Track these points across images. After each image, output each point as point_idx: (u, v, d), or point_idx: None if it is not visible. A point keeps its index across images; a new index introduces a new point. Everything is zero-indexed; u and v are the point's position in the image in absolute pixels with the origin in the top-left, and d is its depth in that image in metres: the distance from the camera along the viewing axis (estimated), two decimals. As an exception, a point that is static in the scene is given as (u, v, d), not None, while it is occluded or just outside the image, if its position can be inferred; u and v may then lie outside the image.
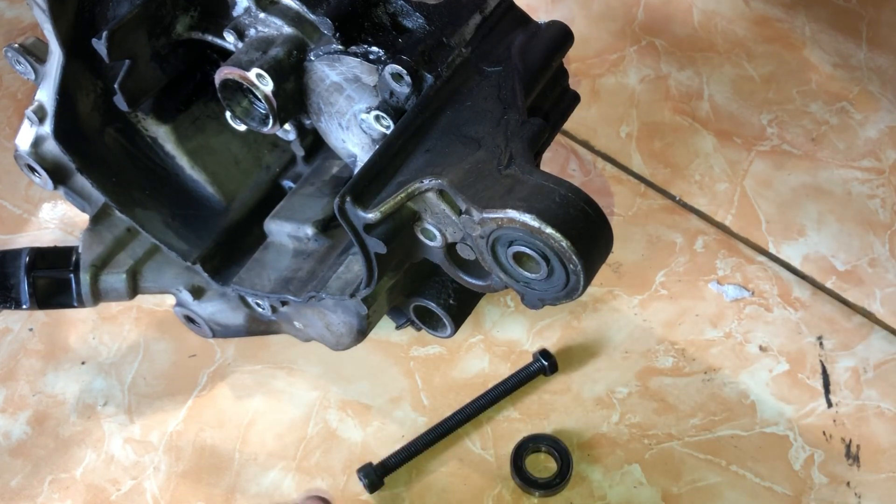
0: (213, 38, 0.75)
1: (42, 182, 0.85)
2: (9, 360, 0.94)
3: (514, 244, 0.62)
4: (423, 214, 0.66)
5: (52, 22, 0.72)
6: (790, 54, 1.16)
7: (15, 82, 1.15)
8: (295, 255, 0.85)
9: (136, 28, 0.72)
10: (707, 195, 1.04)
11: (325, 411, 0.90)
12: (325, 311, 0.80)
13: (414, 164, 0.65)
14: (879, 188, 1.04)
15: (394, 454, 0.86)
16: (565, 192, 0.61)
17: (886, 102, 1.12)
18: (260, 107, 0.73)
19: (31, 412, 0.91)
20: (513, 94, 0.69)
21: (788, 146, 1.08)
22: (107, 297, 0.86)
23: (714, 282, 0.97)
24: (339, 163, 0.87)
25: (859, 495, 0.85)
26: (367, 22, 0.72)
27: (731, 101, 1.12)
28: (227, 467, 0.87)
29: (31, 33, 0.82)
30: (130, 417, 0.90)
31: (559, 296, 0.64)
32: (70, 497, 0.86)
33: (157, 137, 0.86)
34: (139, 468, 0.87)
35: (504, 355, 0.93)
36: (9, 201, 1.06)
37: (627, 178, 1.06)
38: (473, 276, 0.70)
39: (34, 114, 0.80)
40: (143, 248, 0.86)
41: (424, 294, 0.80)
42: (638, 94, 1.13)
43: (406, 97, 0.69)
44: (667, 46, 1.17)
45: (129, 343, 0.95)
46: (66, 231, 1.03)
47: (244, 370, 0.93)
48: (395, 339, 0.94)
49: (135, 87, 0.77)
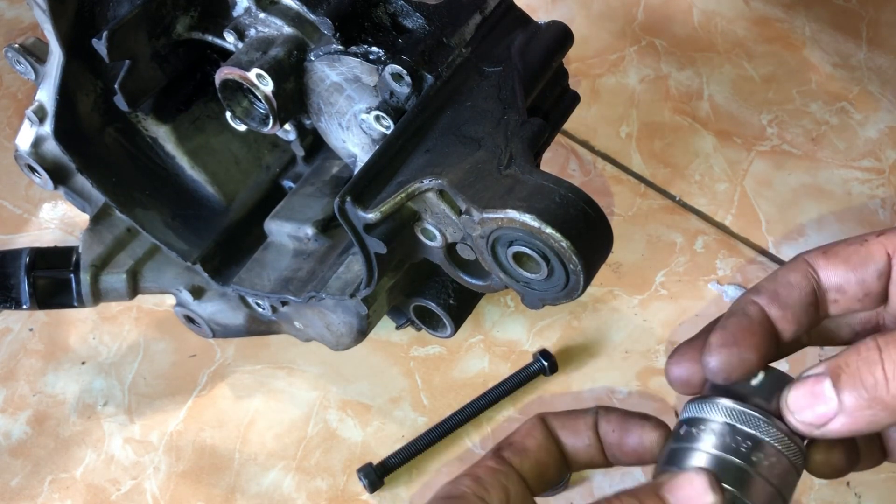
0: (213, 39, 0.75)
1: (42, 182, 0.85)
2: (9, 360, 0.94)
3: (514, 244, 0.62)
4: (423, 214, 0.66)
5: (52, 22, 0.72)
6: (790, 54, 1.16)
7: (15, 82, 1.15)
8: (295, 255, 0.85)
9: (136, 28, 0.72)
10: (707, 195, 1.04)
11: (325, 411, 0.90)
12: (325, 311, 0.80)
13: (414, 164, 0.65)
14: (879, 188, 1.04)
15: (394, 454, 0.86)
16: (565, 192, 0.61)
17: (886, 102, 1.12)
18: (260, 107, 0.73)
19: (31, 412, 0.91)
20: (513, 94, 0.69)
21: (788, 146, 1.08)
22: (107, 297, 0.86)
23: (714, 282, 0.97)
24: (339, 163, 0.87)
25: (859, 495, 0.85)
26: (367, 22, 0.72)
27: (731, 101, 1.12)
28: (227, 467, 0.87)
29: (31, 33, 0.83)
30: (130, 417, 0.90)
31: (559, 296, 0.64)
32: (70, 497, 0.86)
33: (157, 137, 0.86)
34: (139, 468, 0.87)
35: (504, 355, 0.93)
36: (9, 201, 1.06)
37: (627, 178, 1.06)
38: (473, 276, 0.71)
39: (34, 114, 0.80)
40: (143, 248, 0.86)
41: (424, 294, 0.80)
42: (638, 94, 1.13)
43: (406, 97, 0.69)
44: (667, 46, 1.17)
45: (129, 343, 0.95)
46: (66, 231, 1.03)
47: (244, 370, 0.93)
48: (395, 339, 0.94)
49: (135, 87, 0.77)
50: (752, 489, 0.50)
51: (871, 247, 0.53)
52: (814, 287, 0.53)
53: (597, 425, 0.57)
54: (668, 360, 0.57)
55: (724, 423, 0.52)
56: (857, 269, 0.53)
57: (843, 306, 0.54)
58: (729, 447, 0.51)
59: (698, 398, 0.54)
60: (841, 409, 0.48)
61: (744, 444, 0.51)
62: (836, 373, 0.48)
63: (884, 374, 0.47)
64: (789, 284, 0.53)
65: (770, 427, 0.51)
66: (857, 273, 0.53)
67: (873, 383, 0.47)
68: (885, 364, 0.47)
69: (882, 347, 0.48)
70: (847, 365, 0.48)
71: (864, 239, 0.53)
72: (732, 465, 0.51)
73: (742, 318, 0.53)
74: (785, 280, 0.54)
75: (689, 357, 0.56)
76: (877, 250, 0.52)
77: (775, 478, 0.51)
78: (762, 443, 0.51)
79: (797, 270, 0.54)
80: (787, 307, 0.53)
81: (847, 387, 0.48)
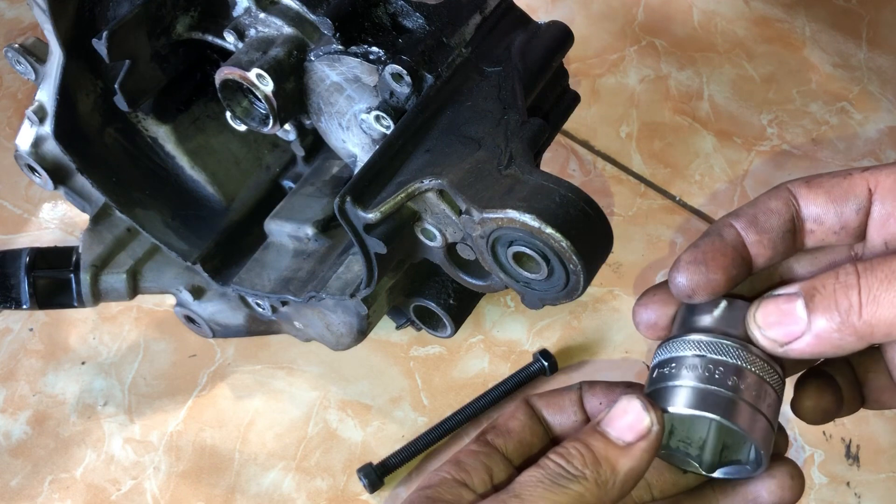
0: (213, 39, 0.75)
1: (42, 182, 0.85)
2: (9, 360, 0.94)
3: (514, 244, 0.62)
4: (423, 214, 0.66)
5: (52, 22, 0.72)
6: (790, 54, 1.17)
7: (15, 82, 1.15)
8: (295, 255, 0.85)
9: (136, 28, 0.72)
10: (707, 195, 1.04)
11: (325, 411, 0.90)
12: (325, 311, 0.80)
13: (414, 164, 0.65)
14: (879, 188, 1.04)
15: (394, 454, 0.86)
16: (565, 192, 0.61)
17: (886, 102, 1.12)
18: (260, 107, 0.73)
19: (31, 412, 0.91)
20: (513, 94, 0.69)
21: (788, 146, 1.08)
22: (107, 297, 0.86)
23: (714, 282, 0.97)
24: (339, 163, 0.87)
25: (859, 495, 0.85)
26: (367, 22, 0.72)
27: (731, 101, 1.12)
28: (227, 467, 0.87)
29: (31, 33, 0.82)
30: (130, 417, 0.90)
31: (559, 296, 0.64)
32: (70, 497, 0.86)
33: (157, 137, 0.86)
34: (139, 468, 0.87)
35: (504, 355, 0.93)
36: (9, 201, 1.06)
37: (627, 178, 1.06)
38: (473, 276, 0.70)
39: (34, 114, 0.80)
40: (143, 248, 0.86)
41: (424, 294, 0.80)
42: (638, 94, 1.13)
43: (406, 97, 0.69)
44: (667, 46, 1.17)
45: (129, 343, 0.95)
46: (66, 231, 1.03)
47: (244, 370, 0.93)
48: (395, 339, 0.94)
49: (135, 87, 0.77)
50: (737, 413, 0.50)
51: (855, 180, 0.52)
52: (793, 215, 0.53)
53: (581, 401, 0.58)
54: (635, 304, 0.57)
55: (696, 355, 0.52)
56: (838, 201, 0.52)
57: (819, 237, 0.53)
58: (704, 378, 0.51)
59: (666, 339, 0.54)
60: (809, 329, 0.48)
61: (718, 372, 0.51)
62: (811, 294, 0.48)
63: (859, 300, 0.47)
64: (769, 210, 0.53)
65: (744, 352, 0.51)
66: (836, 205, 0.52)
67: (847, 307, 0.47)
68: (862, 290, 0.47)
69: (861, 273, 0.47)
70: (823, 287, 0.48)
71: (848, 173, 0.53)
72: (712, 394, 0.51)
73: (715, 238, 0.53)
74: (765, 206, 0.53)
75: (656, 300, 0.57)
76: (859, 184, 0.52)
77: (757, 400, 0.51)
78: (739, 368, 0.51)
79: (778, 198, 0.53)
80: (765, 232, 0.53)
81: (820, 308, 0.48)
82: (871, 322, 0.47)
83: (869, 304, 0.46)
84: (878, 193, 0.52)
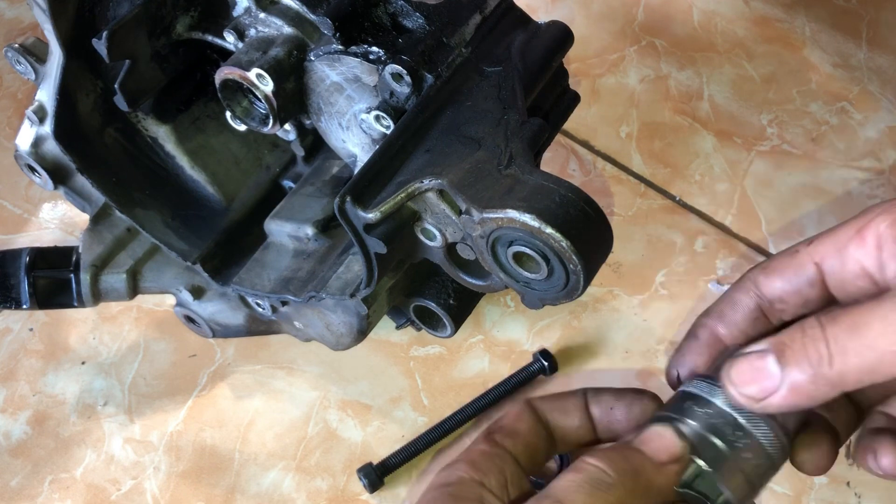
0: (213, 39, 0.75)
1: (42, 182, 0.85)
2: (9, 360, 0.94)
3: (514, 244, 0.62)
4: (423, 214, 0.66)
5: (52, 22, 0.72)
6: (790, 54, 1.16)
7: (15, 82, 1.15)
8: (295, 255, 0.85)
9: (136, 28, 0.72)
10: (707, 195, 1.04)
11: (325, 411, 0.90)
12: (325, 311, 0.80)
13: (414, 164, 0.65)
14: (879, 188, 1.04)
15: (394, 454, 0.86)
16: (565, 192, 0.61)
17: (886, 102, 1.12)
18: (260, 107, 0.73)
19: (31, 412, 0.91)
20: (513, 94, 0.69)
21: (788, 146, 1.08)
22: (107, 297, 0.86)
23: (714, 282, 0.97)
24: (339, 163, 0.87)
25: (859, 495, 0.85)
26: (367, 22, 0.72)
27: (731, 101, 1.12)
28: (227, 467, 0.87)
29: (31, 33, 0.82)
30: (130, 417, 0.90)
31: (559, 296, 0.64)
32: (70, 497, 0.86)
33: (157, 137, 0.86)
34: (139, 468, 0.87)
35: (504, 355, 0.93)
36: (9, 201, 1.06)
37: (627, 178, 1.06)
38: (473, 276, 0.71)
39: (34, 114, 0.80)
40: (143, 248, 0.86)
41: (424, 294, 0.80)
42: (638, 94, 1.13)
43: (406, 97, 0.69)
44: (667, 46, 1.17)
45: (129, 343, 0.95)
46: (66, 231, 1.03)
47: (244, 370, 0.93)
48: (395, 339, 0.94)
49: (135, 87, 0.77)
50: (727, 474, 0.52)
51: (801, 258, 0.55)
52: (757, 302, 0.57)
53: (587, 406, 0.59)
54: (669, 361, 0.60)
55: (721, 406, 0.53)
56: (792, 280, 0.55)
57: (792, 312, 0.56)
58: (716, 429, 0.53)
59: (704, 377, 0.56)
60: (784, 383, 0.50)
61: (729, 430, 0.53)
62: (780, 349, 0.50)
63: (828, 351, 0.49)
64: (734, 303, 0.57)
65: (759, 421, 0.53)
66: (791, 284, 0.55)
67: (818, 359, 0.49)
68: (829, 341, 0.49)
69: (825, 325, 0.49)
70: (792, 341, 0.50)
71: (795, 250, 0.56)
72: (714, 446, 0.52)
73: (692, 341, 0.58)
74: (731, 299, 0.58)
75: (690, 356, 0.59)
76: (805, 260, 0.55)
77: (752, 469, 0.53)
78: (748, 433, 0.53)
79: (741, 289, 0.57)
80: (733, 324, 0.57)
81: (792, 362, 0.49)
82: (842, 371, 0.48)
83: (837, 354, 0.48)
84: (825, 265, 0.54)
